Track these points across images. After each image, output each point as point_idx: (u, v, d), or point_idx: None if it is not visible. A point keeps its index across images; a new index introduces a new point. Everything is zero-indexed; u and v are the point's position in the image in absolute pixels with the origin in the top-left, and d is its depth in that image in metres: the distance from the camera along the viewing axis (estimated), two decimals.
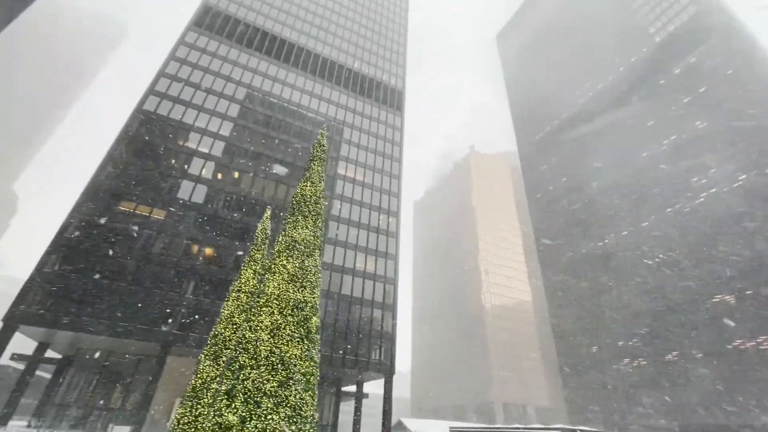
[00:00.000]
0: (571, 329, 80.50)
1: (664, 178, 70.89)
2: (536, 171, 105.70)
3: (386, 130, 67.99)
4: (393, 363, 47.21)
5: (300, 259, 11.99)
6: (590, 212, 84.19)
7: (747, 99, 62.60)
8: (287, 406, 9.45)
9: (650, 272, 68.29)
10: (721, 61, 68.41)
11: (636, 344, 67.33)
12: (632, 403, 64.57)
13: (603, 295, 75.46)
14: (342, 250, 50.65)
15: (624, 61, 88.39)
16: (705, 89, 69.13)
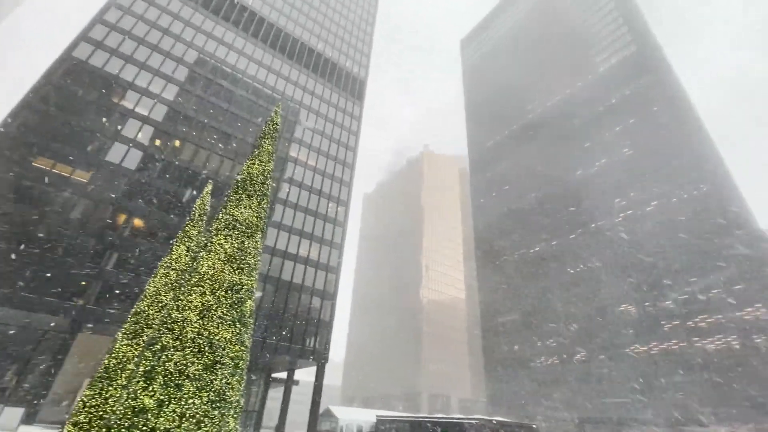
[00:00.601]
0: (498, 327, 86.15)
1: (592, 196, 77.95)
2: (483, 176, 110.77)
3: (344, 117, 67.04)
4: (327, 351, 47.24)
5: (240, 240, 11.48)
6: (527, 220, 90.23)
7: (663, 135, 70.71)
8: (211, 391, 9.07)
9: (572, 281, 75.08)
10: (647, 98, 76.41)
11: (551, 345, 73.87)
12: (543, 397, 70.94)
13: (529, 298, 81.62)
14: (286, 235, 49.36)
15: (571, 84, 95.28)
16: (633, 121, 76.90)
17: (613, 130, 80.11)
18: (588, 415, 62.53)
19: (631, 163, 74.04)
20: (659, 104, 74.26)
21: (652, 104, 75.28)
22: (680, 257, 61.34)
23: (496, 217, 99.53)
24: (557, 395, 68.99)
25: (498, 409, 76.66)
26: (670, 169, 67.58)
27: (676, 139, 69.22)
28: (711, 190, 61.99)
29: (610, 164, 77.63)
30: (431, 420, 43.79)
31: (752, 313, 52.32)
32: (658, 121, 72.92)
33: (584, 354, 67.77)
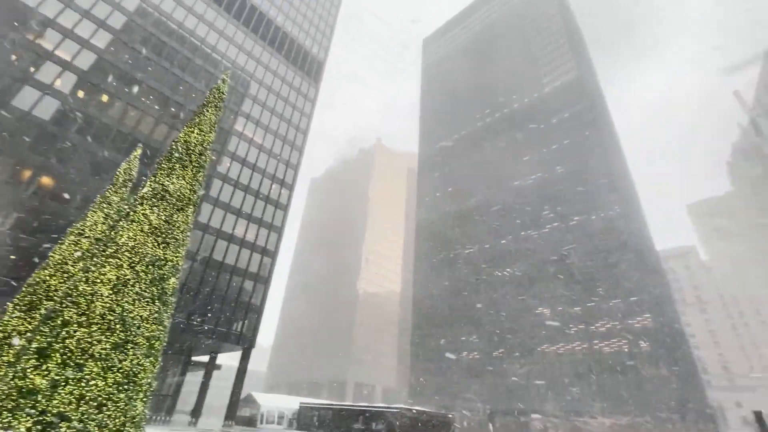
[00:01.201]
0: (427, 322, 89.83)
1: (525, 206, 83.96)
2: (430, 176, 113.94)
3: (298, 97, 64.73)
4: (255, 336, 45.81)
5: (168, 212, 10.62)
6: (465, 223, 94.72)
7: (590, 158, 78.27)
8: (119, 372, 8.35)
9: (499, 282, 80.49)
10: (582, 122, 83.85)
11: (474, 341, 78.81)
12: (462, 389, 75.58)
13: (458, 295, 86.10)
14: (222, 213, 46.69)
15: (519, 100, 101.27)
16: (568, 142, 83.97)
17: (551, 147, 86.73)
18: (499, 406, 67.91)
19: (561, 180, 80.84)
20: (590, 129, 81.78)
21: (585, 128, 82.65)
22: (591, 269, 68.60)
23: (437, 217, 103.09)
24: (475, 388, 73.90)
25: (419, 400, 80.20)
26: (592, 189, 74.97)
27: (599, 163, 76.86)
28: (621, 212, 69.94)
29: (544, 179, 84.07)
30: (354, 408, 44.57)
31: (641, 322, 60.31)
32: (588, 144, 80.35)
33: (502, 351, 73.28)
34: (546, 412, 62.35)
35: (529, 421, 63.54)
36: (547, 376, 65.52)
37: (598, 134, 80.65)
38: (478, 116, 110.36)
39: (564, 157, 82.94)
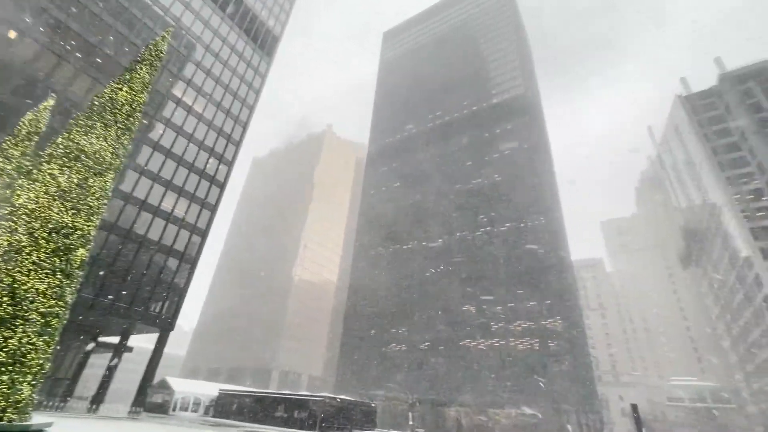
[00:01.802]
0: (361, 313, 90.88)
1: (463, 209, 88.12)
2: (377, 169, 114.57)
3: (247, 70, 61.05)
4: (175, 319, 42.84)
5: (83, 175, 9.43)
6: (407, 219, 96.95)
7: (525, 170, 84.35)
8: (3, 351, 7.30)
9: (431, 279, 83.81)
10: (521, 136, 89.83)
11: (403, 333, 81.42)
12: (387, 379, 77.81)
13: (393, 289, 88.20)
14: (149, 183, 42.72)
15: (468, 107, 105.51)
16: (508, 152, 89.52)
17: (492, 155, 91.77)
18: (421, 396, 71.11)
19: (498, 187, 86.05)
20: (528, 143, 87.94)
21: (523, 141, 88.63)
22: (515, 273, 74.23)
23: (381, 211, 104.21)
24: (399, 378, 76.50)
25: (346, 389, 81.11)
26: (523, 200, 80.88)
27: (532, 176, 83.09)
28: (545, 223, 76.45)
29: (483, 184, 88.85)
30: (276, 395, 43.84)
31: (552, 324, 66.73)
32: (524, 157, 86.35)
33: (428, 344, 76.65)
34: (463, 402, 66.61)
35: (446, 411, 67.45)
36: (467, 370, 69.89)
37: (535, 149, 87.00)
38: (429, 116, 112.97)
39: (502, 166, 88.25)
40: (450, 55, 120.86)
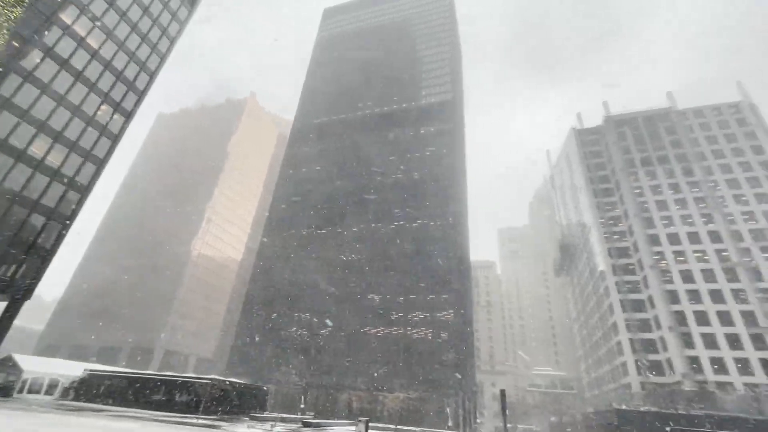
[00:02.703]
0: (263, 295, 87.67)
1: (381, 201, 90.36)
2: (299, 149, 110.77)
3: (163, 12, 53.56)
4: (34, 286, 36.23)
5: None
6: (323, 203, 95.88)
7: (441, 172, 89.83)
8: None
9: (341, 265, 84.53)
10: (442, 140, 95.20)
11: (306, 318, 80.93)
12: (284, 363, 76.68)
13: (298, 273, 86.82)
14: (14, 120, 35.08)
15: (398, 102, 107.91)
16: (429, 153, 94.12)
17: (414, 154, 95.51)
18: (317, 380, 71.69)
19: (416, 185, 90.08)
20: (447, 148, 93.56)
21: (444, 146, 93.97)
22: (420, 266, 78.88)
23: (297, 192, 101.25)
24: (297, 362, 76.00)
25: (238, 372, 77.77)
26: (436, 200, 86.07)
27: (447, 179, 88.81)
28: (453, 224, 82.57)
29: (403, 180, 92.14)
30: (157, 377, 40.19)
31: (445, 316, 72.67)
32: (442, 161, 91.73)
33: (329, 330, 77.44)
34: (356, 387, 68.98)
35: (339, 395, 69.20)
36: (365, 356, 72.43)
37: (453, 154, 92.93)
38: (359, 104, 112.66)
39: (422, 166, 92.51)
40: (387, 48, 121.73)
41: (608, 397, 77.09)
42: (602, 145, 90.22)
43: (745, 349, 59.61)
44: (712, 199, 74.03)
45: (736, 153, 78.08)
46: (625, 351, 68.74)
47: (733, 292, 64.37)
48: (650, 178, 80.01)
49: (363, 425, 23.54)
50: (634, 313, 70.82)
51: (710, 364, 59.89)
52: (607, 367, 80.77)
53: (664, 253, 71.24)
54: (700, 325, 63.14)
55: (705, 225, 71.91)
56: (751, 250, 67.35)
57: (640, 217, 75.37)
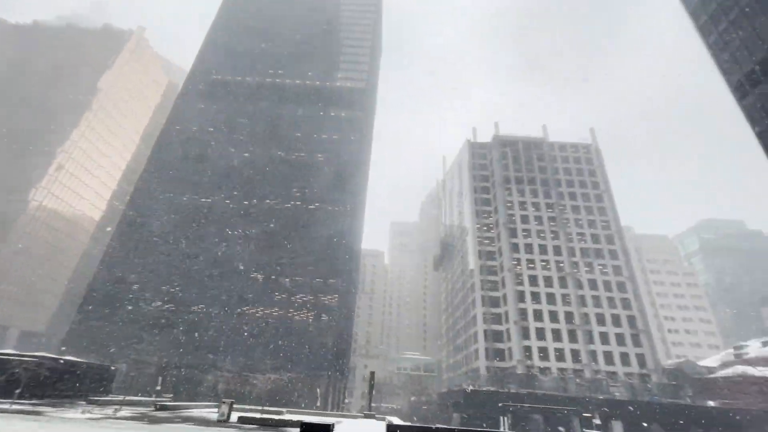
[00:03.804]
0: (123, 262, 76.17)
1: (278, 177, 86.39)
2: (191, 104, 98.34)
3: None
4: None
5: None
6: (212, 170, 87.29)
7: (344, 159, 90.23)
8: None
9: (225, 240, 78.50)
10: (351, 127, 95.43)
11: (176, 292, 73.16)
12: (140, 340, 68.05)
13: (171, 241, 77.88)
14: None
15: (312, 79, 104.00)
16: (336, 137, 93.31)
17: (321, 135, 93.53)
18: (182, 360, 65.55)
19: (318, 167, 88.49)
20: (355, 135, 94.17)
21: (351, 133, 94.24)
22: (310, 249, 78.20)
23: (183, 152, 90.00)
24: (157, 340, 68.27)
25: (81, 349, 66.19)
26: (336, 185, 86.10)
27: (350, 165, 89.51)
28: (349, 211, 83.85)
29: (305, 159, 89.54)
30: None
31: (330, 301, 73.75)
32: (348, 147, 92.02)
33: (202, 306, 71.53)
34: (225, 368, 65.32)
35: (205, 377, 64.71)
36: (240, 336, 68.93)
37: (361, 142, 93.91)
38: (270, 71, 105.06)
39: (327, 148, 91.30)
40: (309, 20, 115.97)
41: (460, 379, 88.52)
42: (488, 159, 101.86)
43: (562, 342, 74.76)
44: (560, 220, 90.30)
45: (580, 185, 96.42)
46: (479, 340, 79.70)
47: (562, 296, 79.91)
48: (520, 195, 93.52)
49: (227, 406, 22.58)
50: (491, 308, 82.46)
51: (538, 353, 73.51)
52: (463, 353, 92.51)
53: (520, 260, 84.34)
54: (536, 321, 76.84)
55: (552, 240, 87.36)
56: (579, 264, 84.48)
57: (507, 227, 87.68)
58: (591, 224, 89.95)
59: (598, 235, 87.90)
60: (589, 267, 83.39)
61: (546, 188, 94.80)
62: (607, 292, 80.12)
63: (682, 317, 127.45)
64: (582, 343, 74.06)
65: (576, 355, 72.96)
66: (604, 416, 56.90)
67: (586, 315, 77.19)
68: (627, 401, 61.13)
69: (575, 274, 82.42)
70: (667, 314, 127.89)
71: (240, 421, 21.81)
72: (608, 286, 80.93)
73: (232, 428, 18.35)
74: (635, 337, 74.91)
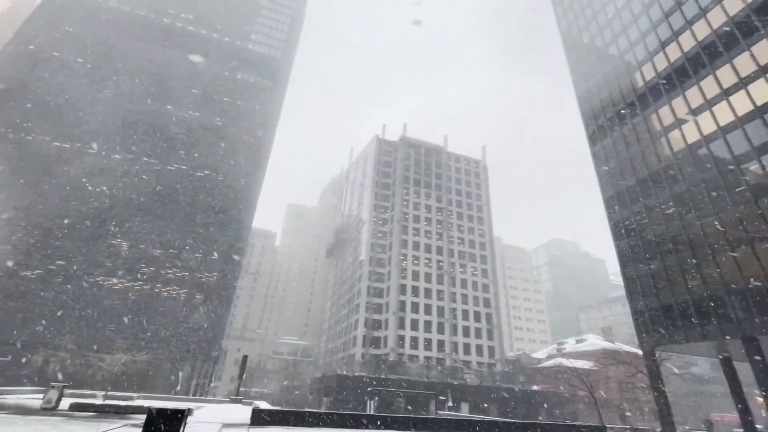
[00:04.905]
0: None
1: (161, 133, 75.70)
2: (61, 25, 79.19)
3: None
4: None
5: None
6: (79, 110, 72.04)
7: (248, 130, 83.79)
8: None
9: (84, 197, 65.81)
10: (258, 96, 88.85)
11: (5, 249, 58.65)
12: None
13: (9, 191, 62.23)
14: None
15: (221, 33, 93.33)
16: (240, 104, 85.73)
17: (222, 98, 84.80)
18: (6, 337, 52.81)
19: (215, 132, 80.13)
20: (261, 105, 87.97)
21: (257, 102, 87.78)
22: (193, 221, 70.66)
23: (39, 81, 72.11)
24: None
25: None
26: (233, 155, 79.35)
27: (252, 138, 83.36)
28: (244, 186, 78.21)
29: (201, 120, 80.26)
30: None
31: (207, 278, 67.88)
32: (252, 117, 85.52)
33: (39, 272, 58.78)
34: (60, 347, 54.90)
35: (32, 358, 53.44)
36: (86, 310, 58.61)
37: (265, 114, 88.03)
38: (170, 11, 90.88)
39: (228, 114, 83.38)
40: None
41: (336, 365, 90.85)
42: (393, 157, 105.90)
43: (432, 333, 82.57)
44: (446, 223, 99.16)
45: (467, 195, 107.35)
46: (359, 327, 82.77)
47: (437, 292, 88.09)
48: (416, 196, 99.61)
49: (57, 392, 19.02)
50: (375, 298, 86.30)
51: (410, 342, 79.78)
52: (342, 340, 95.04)
53: (407, 255, 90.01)
54: (412, 312, 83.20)
55: (437, 240, 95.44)
56: (456, 265, 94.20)
57: (400, 224, 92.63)
58: (470, 231, 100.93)
59: (474, 241, 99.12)
60: (463, 268, 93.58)
61: (439, 193, 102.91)
62: (474, 291, 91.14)
63: (526, 317, 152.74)
64: (448, 335, 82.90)
65: (441, 345, 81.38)
66: (455, 399, 64.98)
67: (454, 310, 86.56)
68: (474, 386, 70.86)
69: (452, 273, 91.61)
70: (516, 314, 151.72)
71: (72, 408, 18.62)
72: (476, 286, 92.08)
73: (59, 417, 15.56)
74: (490, 331, 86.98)
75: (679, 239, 37.90)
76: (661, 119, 42.84)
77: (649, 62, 46.12)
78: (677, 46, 42.91)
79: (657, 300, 38.98)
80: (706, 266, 34.93)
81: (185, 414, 6.70)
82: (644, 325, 40.27)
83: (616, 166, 47.83)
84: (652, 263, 40.42)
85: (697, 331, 34.43)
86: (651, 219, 41.48)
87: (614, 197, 47.33)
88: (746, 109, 34.12)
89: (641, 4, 49.52)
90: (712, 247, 34.57)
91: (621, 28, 52.02)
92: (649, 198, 42.15)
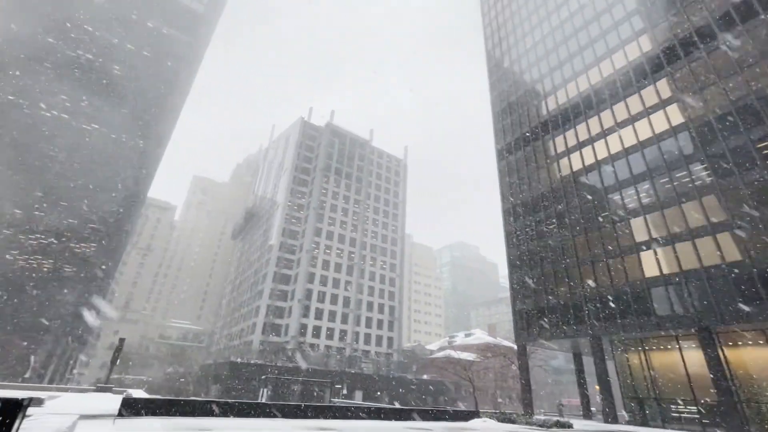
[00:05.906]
0: None
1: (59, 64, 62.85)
2: None
3: None
4: None
5: None
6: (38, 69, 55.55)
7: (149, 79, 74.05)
8: None
9: None
10: (171, 45, 78.99)
11: None
12: None
13: None
14: None
15: None
16: (146, 44, 75.13)
17: (126, 45, 73.31)
18: None
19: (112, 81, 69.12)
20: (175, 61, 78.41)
21: (171, 55, 77.93)
22: (74, 181, 60.11)
23: None
24: None
25: None
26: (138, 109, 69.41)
27: (162, 91, 73.87)
28: (143, 147, 69.06)
29: (96, 66, 68.43)
30: None
31: (82, 248, 58.47)
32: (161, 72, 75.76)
33: None
34: None
35: None
36: None
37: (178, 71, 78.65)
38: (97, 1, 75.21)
39: (133, 63, 72.53)
40: None
41: (231, 352, 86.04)
42: (316, 143, 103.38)
43: (335, 322, 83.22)
44: (362, 216, 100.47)
45: (385, 191, 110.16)
46: (261, 314, 79.53)
47: (346, 282, 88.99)
48: (335, 185, 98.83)
49: None
50: (280, 284, 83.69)
51: (312, 330, 79.29)
52: (240, 326, 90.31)
53: (320, 244, 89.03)
54: (318, 302, 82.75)
55: (351, 232, 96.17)
56: (367, 258, 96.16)
57: (316, 212, 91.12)
58: (384, 226, 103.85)
59: (387, 236, 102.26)
60: (374, 261, 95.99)
61: (359, 185, 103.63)
62: (381, 285, 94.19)
63: (425, 311, 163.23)
64: (351, 325, 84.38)
65: (343, 335, 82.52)
66: (351, 387, 66.58)
67: (360, 301, 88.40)
68: (370, 375, 73.48)
69: (362, 265, 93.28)
70: (416, 308, 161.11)
71: None
72: (383, 280, 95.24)
73: None
74: (391, 323, 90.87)
75: (554, 251, 44.15)
76: (556, 146, 49.21)
77: (553, 95, 52.53)
78: (575, 84, 49.66)
79: (533, 302, 44.91)
80: (570, 277, 41.33)
81: (22, 404, 5.63)
82: (521, 323, 46.10)
83: (516, 182, 53.62)
84: (532, 271, 46.39)
85: (560, 330, 40.58)
86: (536, 232, 47.52)
87: (510, 209, 53.04)
88: (617, 148, 41.08)
89: (553, 41, 56.05)
90: (577, 260, 41.04)
91: (535, 59, 58.23)
92: (537, 213, 48.22)
